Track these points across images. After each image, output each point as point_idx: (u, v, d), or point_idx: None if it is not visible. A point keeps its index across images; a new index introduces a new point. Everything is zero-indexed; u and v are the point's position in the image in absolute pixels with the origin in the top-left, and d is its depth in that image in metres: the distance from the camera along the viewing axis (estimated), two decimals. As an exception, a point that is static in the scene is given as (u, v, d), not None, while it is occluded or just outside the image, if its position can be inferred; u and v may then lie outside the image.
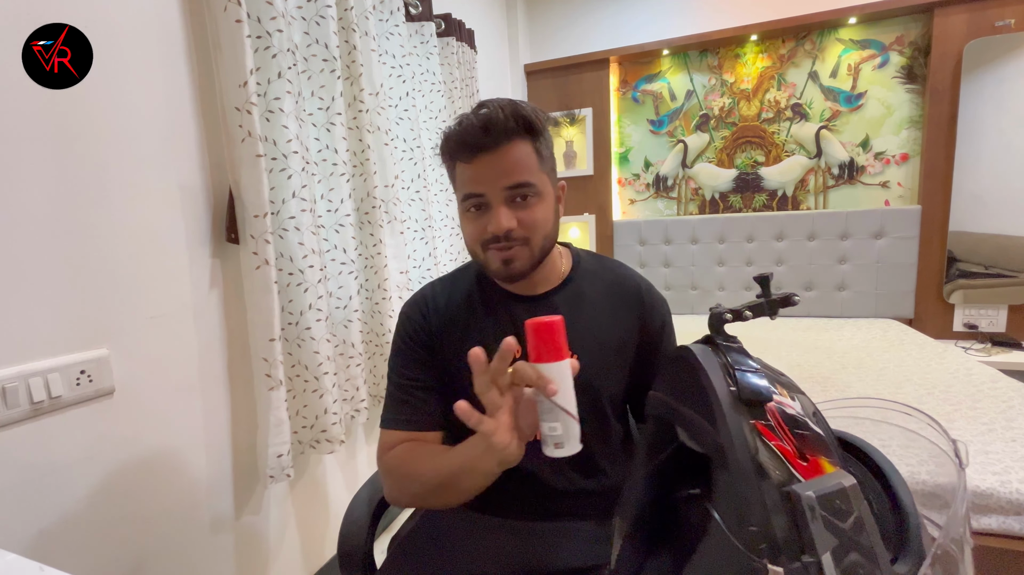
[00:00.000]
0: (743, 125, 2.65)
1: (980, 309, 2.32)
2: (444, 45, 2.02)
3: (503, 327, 0.75)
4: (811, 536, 0.33)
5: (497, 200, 0.67)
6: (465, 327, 0.77)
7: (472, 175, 0.68)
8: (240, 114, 1.03)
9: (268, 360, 1.10)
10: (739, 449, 0.38)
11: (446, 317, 0.78)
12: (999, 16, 2.16)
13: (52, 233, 0.84)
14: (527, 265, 0.71)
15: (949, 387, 1.54)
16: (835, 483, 0.35)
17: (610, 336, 0.77)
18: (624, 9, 2.73)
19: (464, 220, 0.73)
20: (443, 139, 0.70)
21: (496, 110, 0.65)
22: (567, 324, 0.74)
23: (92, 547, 0.90)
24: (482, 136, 0.65)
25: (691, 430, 0.48)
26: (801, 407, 0.44)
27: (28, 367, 0.81)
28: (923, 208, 2.35)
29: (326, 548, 1.46)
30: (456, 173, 0.71)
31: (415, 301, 0.81)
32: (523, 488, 0.75)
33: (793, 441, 0.39)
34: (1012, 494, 1.03)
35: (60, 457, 0.86)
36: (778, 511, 0.35)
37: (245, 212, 1.07)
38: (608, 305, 0.78)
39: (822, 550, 0.32)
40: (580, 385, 0.74)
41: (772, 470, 0.37)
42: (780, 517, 0.35)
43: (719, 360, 0.47)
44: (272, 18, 1.10)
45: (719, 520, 0.39)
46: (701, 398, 0.44)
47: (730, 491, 0.38)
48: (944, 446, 0.45)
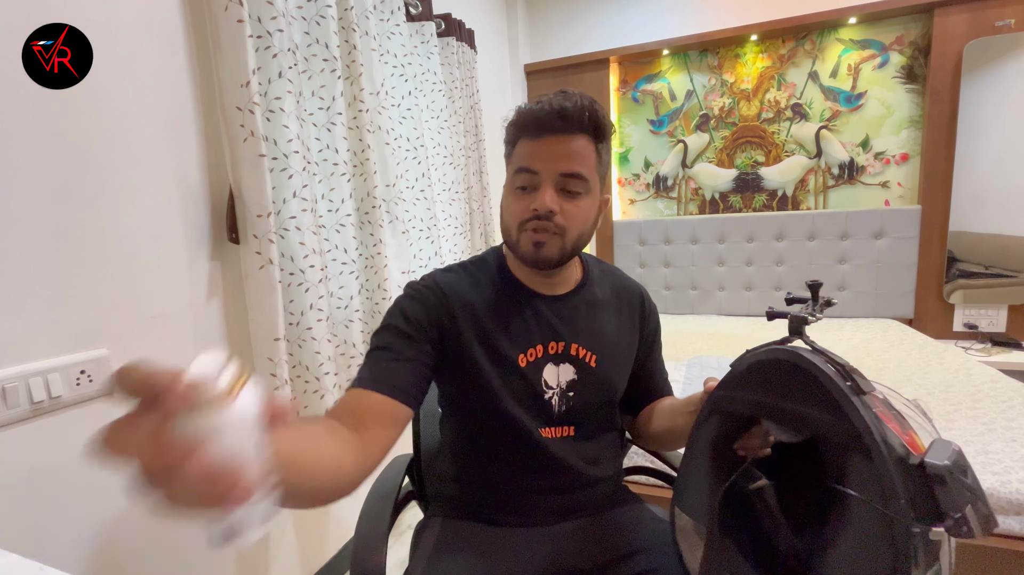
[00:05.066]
0: (743, 125, 2.65)
1: (980, 309, 2.32)
2: (444, 45, 2.02)
3: (527, 323, 0.75)
4: (953, 497, 0.38)
5: (548, 182, 0.69)
6: (487, 315, 0.74)
7: (532, 151, 0.69)
8: (242, 114, 1.03)
9: (273, 360, 1.10)
10: (876, 433, 0.42)
11: (467, 304, 0.74)
12: (999, 16, 2.16)
13: (52, 233, 0.84)
14: (556, 255, 0.71)
15: (949, 387, 1.54)
16: (952, 449, 0.40)
17: (620, 336, 0.81)
18: (624, 9, 2.73)
19: (509, 198, 0.73)
20: (516, 113, 0.72)
21: (577, 100, 0.68)
22: (587, 325, 0.77)
23: (92, 547, 0.90)
24: (556, 119, 0.67)
25: (800, 424, 0.51)
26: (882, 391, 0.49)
27: (28, 367, 0.81)
28: (923, 208, 2.35)
29: (326, 549, 1.46)
30: (516, 148, 0.72)
31: (429, 284, 0.75)
32: (539, 493, 0.76)
33: (895, 422, 0.45)
34: (1012, 494, 1.03)
35: (60, 457, 0.86)
36: (914, 480, 0.40)
37: (248, 212, 1.07)
38: (616, 308, 0.83)
39: (964, 506, 0.38)
40: (600, 380, 0.77)
41: (899, 447, 0.42)
42: (919, 486, 0.40)
43: (821, 358, 0.50)
44: (273, 18, 1.10)
45: (863, 499, 0.43)
46: (818, 393, 0.47)
47: (871, 472, 0.42)
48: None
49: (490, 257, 0.81)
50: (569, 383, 0.76)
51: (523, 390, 0.74)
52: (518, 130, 0.72)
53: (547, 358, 0.75)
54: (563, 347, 0.76)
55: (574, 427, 0.77)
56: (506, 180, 0.75)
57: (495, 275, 0.78)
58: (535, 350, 0.75)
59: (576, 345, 0.76)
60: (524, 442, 0.74)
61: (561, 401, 0.76)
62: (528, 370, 0.74)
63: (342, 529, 1.50)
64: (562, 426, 0.76)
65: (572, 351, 0.76)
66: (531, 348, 0.74)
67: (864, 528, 0.42)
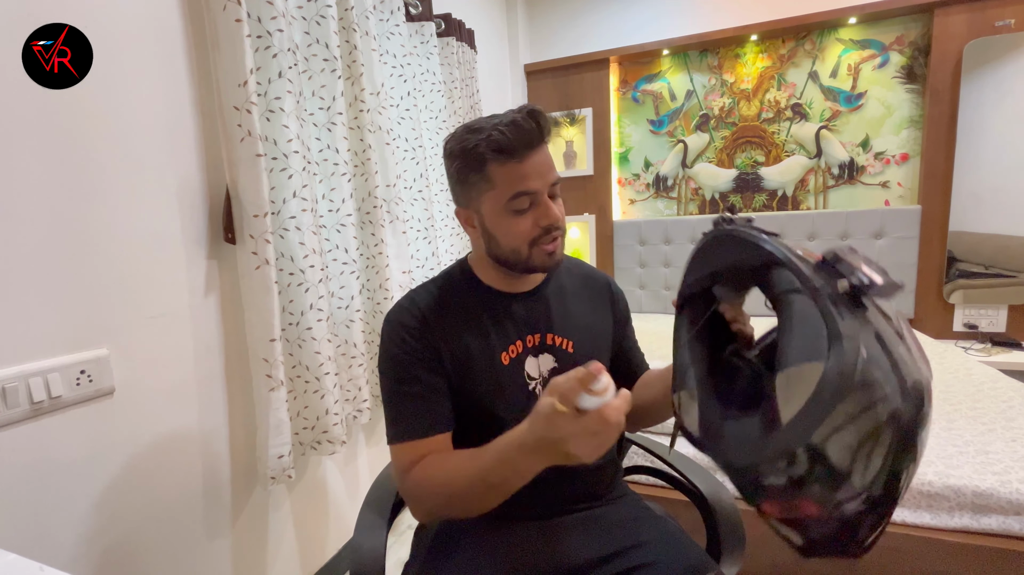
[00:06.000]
0: (743, 125, 2.65)
1: (980, 309, 2.32)
2: (444, 45, 2.02)
3: (504, 323, 0.78)
4: (849, 263, 0.49)
5: (545, 195, 0.71)
6: (466, 327, 0.77)
7: (526, 172, 0.69)
8: (239, 113, 1.03)
9: (269, 361, 1.10)
10: (786, 252, 0.54)
11: (444, 318, 0.76)
12: (999, 16, 2.16)
13: (52, 233, 0.84)
14: (562, 254, 0.76)
15: (949, 387, 1.54)
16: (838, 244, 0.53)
17: (594, 321, 0.85)
18: (624, 9, 2.73)
19: (509, 221, 0.71)
20: (486, 140, 0.68)
21: (536, 112, 0.69)
22: (559, 314, 0.81)
23: (92, 547, 0.90)
24: (535, 134, 0.69)
25: (738, 274, 0.62)
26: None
27: (28, 367, 0.81)
28: (923, 208, 2.35)
29: (326, 550, 1.46)
30: (500, 172, 0.69)
31: (404, 308, 0.77)
32: (539, 484, 0.76)
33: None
34: (1012, 494, 1.03)
35: (60, 457, 0.86)
36: (821, 269, 0.51)
37: (244, 212, 1.07)
38: (586, 296, 0.86)
39: (859, 266, 0.49)
40: (575, 361, 0.80)
41: (802, 254, 0.55)
42: (826, 270, 0.51)
43: (736, 224, 0.62)
44: (272, 17, 1.10)
45: (792, 289, 0.53)
46: (742, 246, 0.60)
47: (790, 277, 0.53)
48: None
49: (455, 271, 0.82)
50: (551, 371, 0.79)
51: (510, 387, 0.76)
52: (495, 154, 0.69)
53: (527, 352, 0.78)
54: (539, 339, 0.79)
55: None
56: (490, 205, 0.72)
57: (466, 287, 0.80)
58: (515, 346, 0.77)
59: (551, 334, 0.79)
60: None
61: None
62: (511, 367, 0.76)
63: (342, 529, 1.50)
64: None
65: (549, 341, 0.79)
66: (511, 345, 0.77)
67: (802, 315, 0.50)
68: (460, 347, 0.75)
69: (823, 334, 0.46)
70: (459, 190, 0.75)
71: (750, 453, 0.50)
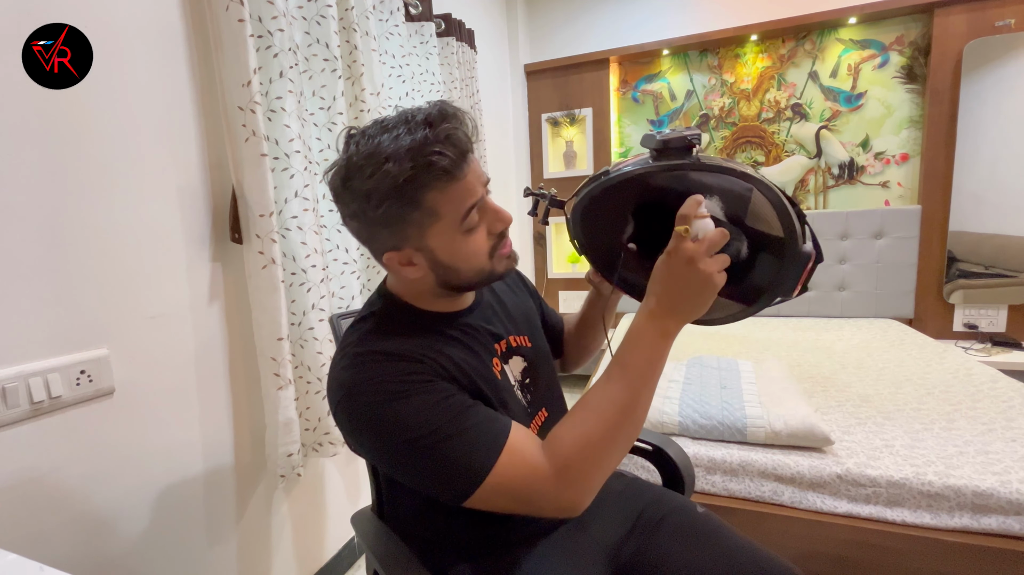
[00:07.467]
0: (743, 125, 2.65)
1: (980, 309, 2.32)
2: (444, 45, 2.02)
3: (470, 342, 0.70)
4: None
5: (487, 197, 0.64)
6: (452, 351, 0.66)
7: (469, 184, 0.61)
8: (244, 113, 1.03)
9: (276, 359, 1.10)
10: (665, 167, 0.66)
11: (426, 351, 0.64)
12: (999, 16, 2.16)
13: (52, 233, 0.84)
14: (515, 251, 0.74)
15: (949, 387, 1.54)
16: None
17: (527, 310, 0.88)
18: (624, 9, 2.73)
19: (466, 243, 0.63)
20: (425, 169, 0.57)
21: (459, 112, 0.60)
22: (505, 315, 0.83)
23: (92, 547, 0.90)
24: (466, 144, 0.60)
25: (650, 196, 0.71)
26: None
27: (28, 367, 0.81)
28: (923, 208, 2.35)
29: (324, 552, 1.46)
30: (443, 199, 0.59)
31: (372, 360, 0.62)
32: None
33: None
34: (1012, 494, 1.03)
35: (60, 457, 0.86)
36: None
37: (250, 212, 1.07)
38: (508, 289, 0.87)
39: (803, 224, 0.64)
40: (539, 354, 0.83)
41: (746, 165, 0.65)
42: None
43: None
44: (273, 17, 1.10)
45: (696, 174, 0.66)
46: (636, 181, 0.69)
47: (686, 167, 0.65)
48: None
49: (391, 312, 0.69)
50: (523, 371, 0.78)
51: (511, 399, 0.72)
52: (442, 182, 0.58)
53: (502, 359, 0.75)
54: (506, 344, 0.77)
55: (544, 408, 0.79)
56: (440, 238, 0.62)
57: (416, 321, 0.69)
58: (496, 358, 0.73)
59: (512, 336, 0.79)
60: None
61: (525, 391, 0.77)
62: (503, 377, 0.72)
63: (342, 530, 1.50)
64: (537, 413, 0.78)
65: (512, 343, 0.78)
66: (494, 358, 0.72)
67: (708, 182, 0.64)
68: (462, 373, 0.65)
69: (738, 181, 0.63)
70: (386, 234, 0.61)
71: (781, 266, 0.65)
